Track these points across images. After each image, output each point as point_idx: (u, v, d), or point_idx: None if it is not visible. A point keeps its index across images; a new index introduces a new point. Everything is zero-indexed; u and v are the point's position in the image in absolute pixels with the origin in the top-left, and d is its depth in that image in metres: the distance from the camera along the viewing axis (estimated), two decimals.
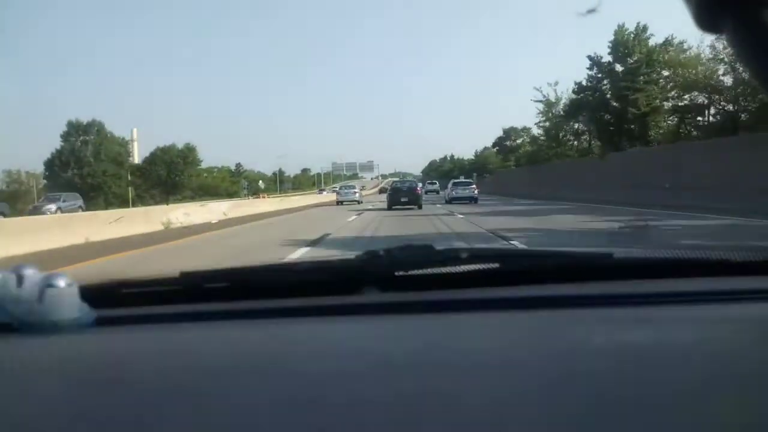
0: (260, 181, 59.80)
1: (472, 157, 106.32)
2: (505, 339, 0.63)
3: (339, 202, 30.42)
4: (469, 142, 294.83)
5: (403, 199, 21.50)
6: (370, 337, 0.67)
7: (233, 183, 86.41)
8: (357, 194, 31.87)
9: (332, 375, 0.50)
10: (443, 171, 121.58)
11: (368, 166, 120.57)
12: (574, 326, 0.66)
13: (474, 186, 27.50)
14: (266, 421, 0.41)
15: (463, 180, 30.24)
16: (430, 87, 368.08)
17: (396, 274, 0.93)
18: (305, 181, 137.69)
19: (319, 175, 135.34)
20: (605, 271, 0.96)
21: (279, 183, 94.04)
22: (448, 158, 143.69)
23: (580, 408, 0.40)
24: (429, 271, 0.95)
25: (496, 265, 0.97)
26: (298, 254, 7.22)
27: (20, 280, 0.67)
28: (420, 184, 24.94)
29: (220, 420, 0.40)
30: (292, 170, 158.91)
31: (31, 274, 0.68)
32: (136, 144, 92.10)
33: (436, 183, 54.31)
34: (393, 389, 0.46)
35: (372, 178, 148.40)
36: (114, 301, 0.89)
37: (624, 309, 0.79)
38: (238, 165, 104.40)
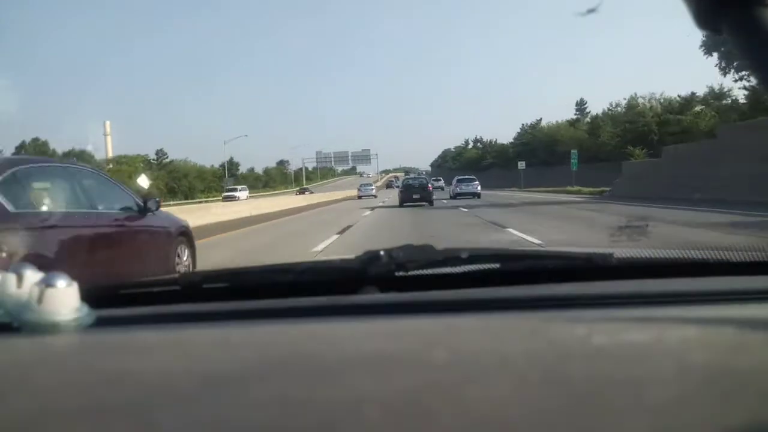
0: (142, 176, 31.77)
1: (509, 141, 75.74)
2: (505, 339, 0.63)
3: (359, 197, 40.25)
4: (493, 126, 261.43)
5: (414, 196, 21.90)
6: (370, 338, 0.67)
7: (155, 179, 54.51)
8: (373, 190, 43.86)
9: (332, 375, 0.50)
10: (468, 159, 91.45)
11: (364, 157, 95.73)
12: (574, 326, 0.66)
13: (477, 182, 29.20)
14: (266, 421, 0.41)
15: (467, 177, 31.53)
16: (444, 65, 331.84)
17: (396, 274, 0.93)
18: (279, 177, 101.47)
19: (301, 170, 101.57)
20: (606, 271, 0.96)
21: (227, 178, 59.77)
22: (471, 143, 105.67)
23: (580, 408, 0.40)
24: (429, 271, 0.95)
25: (496, 265, 0.97)
26: None
27: (20, 279, 0.68)
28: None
29: (219, 420, 0.40)
30: (263, 163, 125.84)
31: (30, 274, 0.68)
32: (109, 138, 74.88)
33: (440, 180, 57.64)
34: (393, 389, 0.46)
35: (370, 175, 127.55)
36: (114, 301, 0.90)
37: (624, 309, 0.79)
38: (160, 152, 72.07)
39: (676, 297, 0.83)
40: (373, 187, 46.56)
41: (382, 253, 0.92)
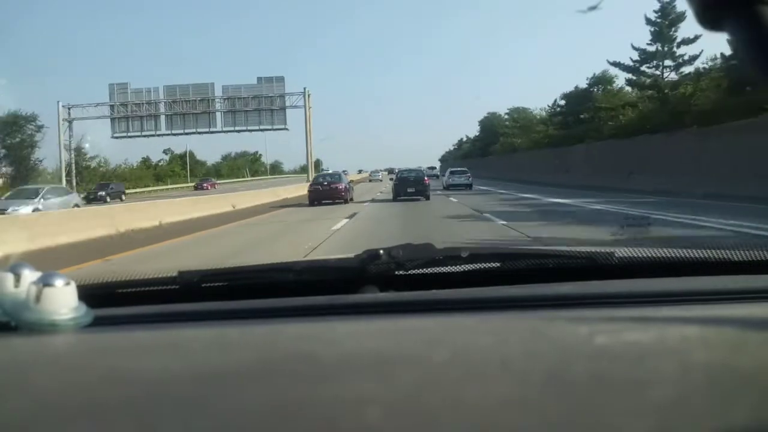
0: None
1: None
2: (505, 338, 0.63)
3: (370, 180, 52.24)
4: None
5: (409, 190, 20.25)
6: (370, 337, 0.67)
7: None
8: (380, 176, 54.43)
9: (332, 375, 0.50)
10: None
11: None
12: (574, 326, 0.66)
13: (468, 174, 30.46)
14: (265, 421, 0.41)
15: (459, 169, 33.14)
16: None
17: (396, 273, 0.93)
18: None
19: (158, 164, 53.71)
20: (607, 270, 0.95)
21: None
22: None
23: (581, 408, 0.40)
24: (429, 270, 0.95)
25: (496, 264, 0.97)
26: None
27: (18, 279, 0.68)
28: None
29: (218, 420, 0.40)
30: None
31: (28, 273, 0.68)
32: None
33: (435, 168, 60.36)
34: (393, 389, 0.46)
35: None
36: (112, 300, 0.90)
37: (625, 308, 0.79)
38: None
39: (677, 296, 0.83)
40: (380, 174, 57.00)
41: (381, 252, 0.92)
